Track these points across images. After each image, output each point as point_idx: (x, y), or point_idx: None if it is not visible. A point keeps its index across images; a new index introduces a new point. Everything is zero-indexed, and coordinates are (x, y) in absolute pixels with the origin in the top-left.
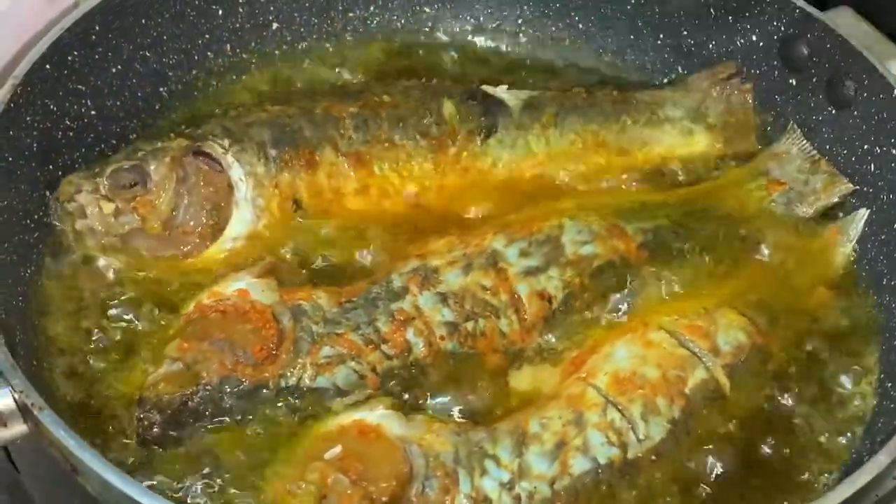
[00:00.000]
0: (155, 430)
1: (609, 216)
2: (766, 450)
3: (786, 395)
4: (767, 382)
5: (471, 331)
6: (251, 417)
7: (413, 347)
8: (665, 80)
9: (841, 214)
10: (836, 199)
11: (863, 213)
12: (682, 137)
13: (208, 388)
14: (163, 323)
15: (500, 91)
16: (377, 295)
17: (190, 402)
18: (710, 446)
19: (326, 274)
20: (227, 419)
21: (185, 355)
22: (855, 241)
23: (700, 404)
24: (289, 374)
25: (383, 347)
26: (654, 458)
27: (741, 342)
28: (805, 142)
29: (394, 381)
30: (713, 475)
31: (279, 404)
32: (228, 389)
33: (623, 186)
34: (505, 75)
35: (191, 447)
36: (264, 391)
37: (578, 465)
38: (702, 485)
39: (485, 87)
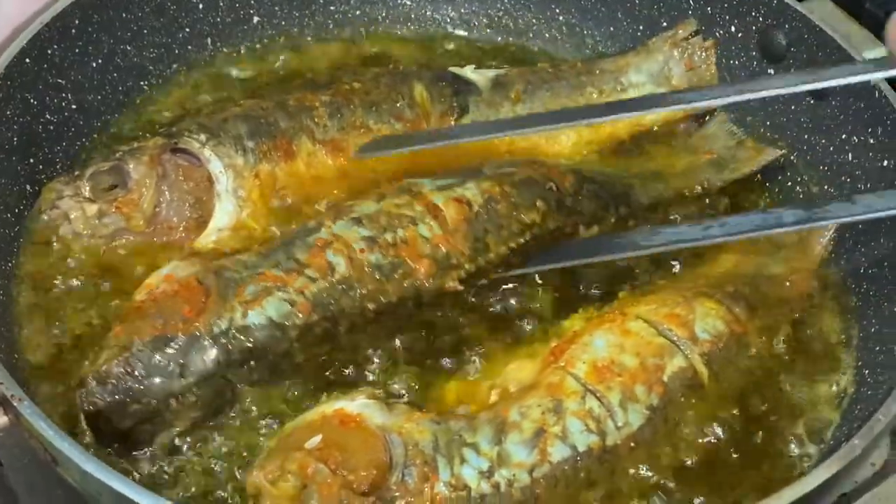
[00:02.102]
0: (99, 404)
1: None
2: (744, 437)
3: (763, 384)
4: (745, 371)
5: (390, 241)
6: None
7: (335, 267)
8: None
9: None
10: (761, 165)
11: None
12: None
13: (141, 348)
14: None
15: (468, 71)
16: (294, 236)
17: (129, 370)
18: (688, 433)
19: None
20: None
21: (118, 337)
22: (834, 230)
23: (678, 392)
24: (219, 319)
25: (306, 272)
26: (632, 444)
27: (719, 331)
28: (731, 125)
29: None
30: (690, 462)
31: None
32: (164, 348)
33: None
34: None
35: (166, 438)
36: (203, 341)
37: (557, 452)
38: (679, 472)
39: (452, 69)
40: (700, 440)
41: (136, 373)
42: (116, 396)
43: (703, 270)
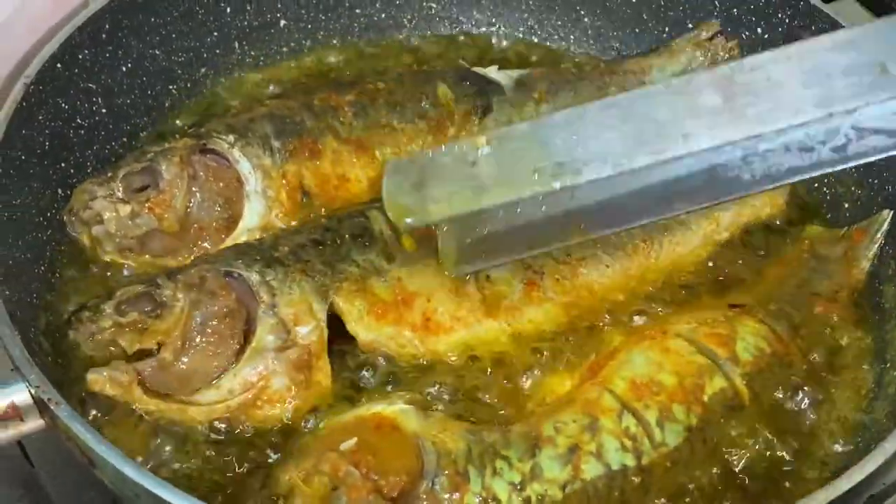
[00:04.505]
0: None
1: None
2: (783, 457)
3: (805, 403)
4: (787, 391)
5: None
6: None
7: None
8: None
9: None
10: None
11: (886, 215)
12: None
13: None
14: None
15: (492, 71)
16: None
17: None
18: (726, 453)
19: None
20: None
21: None
22: (879, 241)
23: (718, 413)
24: None
25: None
26: (669, 465)
27: (761, 350)
28: None
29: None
30: (727, 481)
31: None
32: None
33: None
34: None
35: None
36: None
37: (591, 469)
38: (717, 491)
39: (476, 69)
40: (736, 459)
41: None
42: None
43: (747, 286)
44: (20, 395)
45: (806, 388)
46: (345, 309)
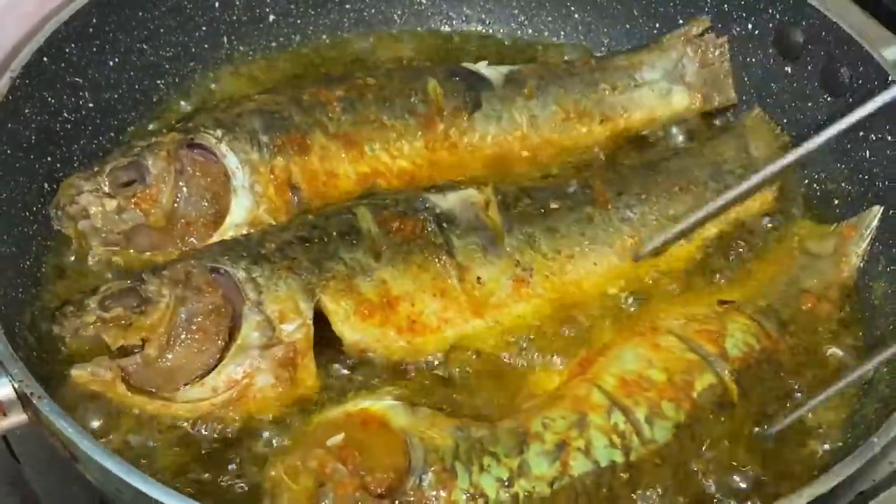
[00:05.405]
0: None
1: None
2: (771, 454)
3: (794, 400)
4: (776, 387)
5: None
6: None
7: None
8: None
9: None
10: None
11: (876, 211)
12: (661, 99)
13: None
14: None
15: (481, 67)
16: None
17: None
18: (714, 449)
19: None
20: None
21: None
22: (869, 237)
23: (707, 409)
24: None
25: None
26: (657, 461)
27: (751, 347)
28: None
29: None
30: (715, 479)
31: None
32: None
33: None
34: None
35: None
36: None
37: (579, 466)
38: (704, 490)
39: (466, 65)
40: (725, 457)
41: None
42: None
43: (737, 282)
44: (3, 389)
45: (795, 384)
46: (331, 309)
